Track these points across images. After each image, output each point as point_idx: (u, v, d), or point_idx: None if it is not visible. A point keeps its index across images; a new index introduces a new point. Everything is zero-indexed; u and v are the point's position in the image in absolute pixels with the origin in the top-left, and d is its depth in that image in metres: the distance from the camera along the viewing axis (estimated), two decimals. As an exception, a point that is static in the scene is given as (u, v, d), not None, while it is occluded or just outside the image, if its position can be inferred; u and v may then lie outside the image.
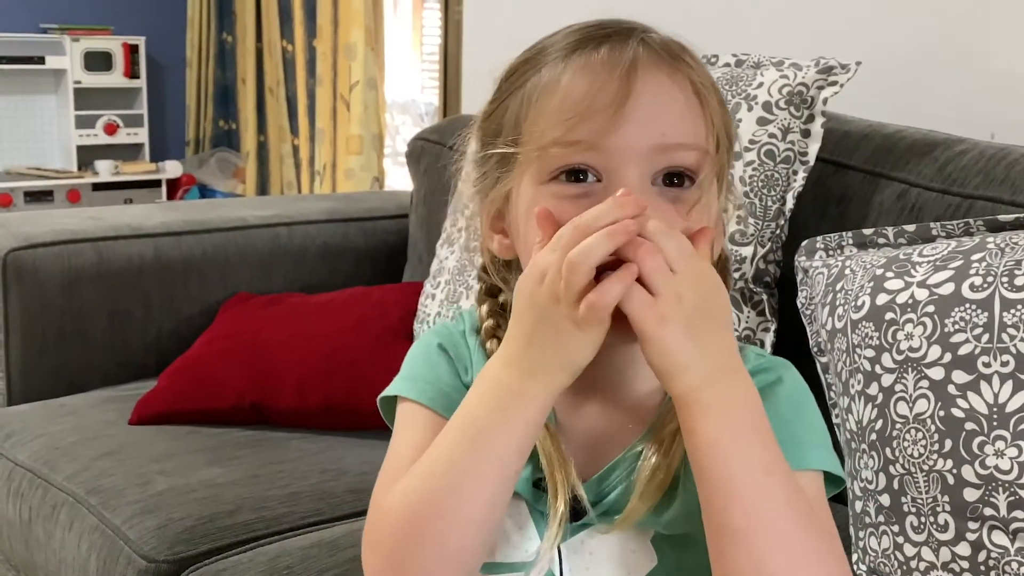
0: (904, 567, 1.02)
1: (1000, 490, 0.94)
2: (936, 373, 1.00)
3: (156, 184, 4.37)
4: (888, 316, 1.05)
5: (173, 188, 4.41)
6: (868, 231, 1.18)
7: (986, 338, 0.97)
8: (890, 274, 1.07)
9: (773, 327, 1.32)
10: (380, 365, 1.63)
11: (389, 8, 3.73)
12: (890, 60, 1.61)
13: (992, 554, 0.95)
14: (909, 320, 1.03)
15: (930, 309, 1.02)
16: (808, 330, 1.20)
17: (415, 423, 0.79)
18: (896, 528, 1.03)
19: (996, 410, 0.95)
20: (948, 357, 0.99)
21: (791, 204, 1.31)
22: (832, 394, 1.15)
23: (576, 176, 0.73)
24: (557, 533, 0.74)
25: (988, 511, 0.95)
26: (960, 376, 0.98)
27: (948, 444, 0.98)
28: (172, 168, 4.39)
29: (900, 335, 1.03)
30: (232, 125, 4.49)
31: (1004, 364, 0.96)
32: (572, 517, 0.76)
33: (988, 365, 0.96)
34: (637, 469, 0.75)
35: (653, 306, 0.66)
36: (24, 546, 1.48)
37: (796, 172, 1.31)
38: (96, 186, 4.25)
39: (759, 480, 0.67)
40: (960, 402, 0.98)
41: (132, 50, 4.32)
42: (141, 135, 4.42)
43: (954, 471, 0.97)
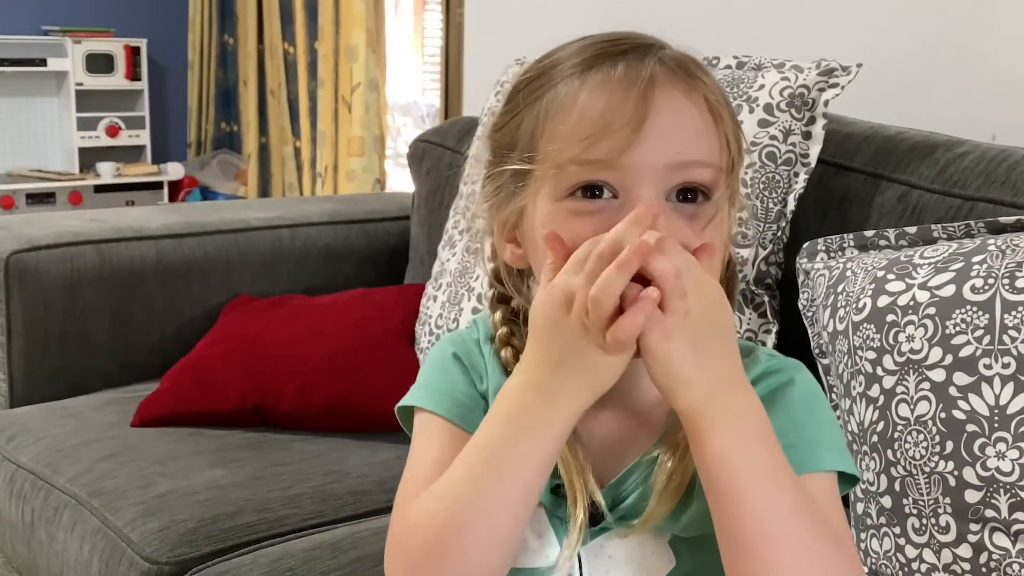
0: (905, 569, 1.02)
1: (1001, 492, 0.95)
2: (937, 375, 1.00)
3: (158, 186, 4.37)
4: (889, 318, 1.05)
5: (175, 190, 4.41)
6: (869, 233, 1.18)
7: (987, 340, 0.97)
8: (891, 276, 1.07)
9: (774, 329, 1.32)
10: (382, 367, 1.63)
11: (390, 10, 3.73)
12: (891, 62, 1.61)
13: (994, 556, 0.95)
14: (910, 322, 1.03)
15: (931, 311, 1.02)
16: (809, 332, 1.20)
17: (432, 434, 0.80)
18: (897, 530, 1.03)
19: (997, 412, 0.95)
20: (949, 359, 0.99)
21: (792, 206, 1.32)
22: (833, 396, 1.15)
23: (592, 192, 0.73)
24: (577, 540, 0.76)
25: (989, 513, 0.95)
26: (961, 378, 0.98)
27: (949, 446, 0.98)
28: (174, 170, 4.39)
29: (901, 337, 1.03)
30: (234, 127, 4.49)
31: (1005, 366, 0.96)
32: (591, 522, 0.77)
33: (989, 367, 0.96)
34: (653, 473, 0.76)
35: (660, 322, 0.67)
36: (26, 548, 1.48)
37: (797, 174, 1.31)
38: (98, 188, 4.24)
39: (768, 490, 0.68)
40: (961, 404, 0.98)
41: (134, 52, 4.32)
42: (143, 137, 4.41)
43: (955, 473, 0.97)
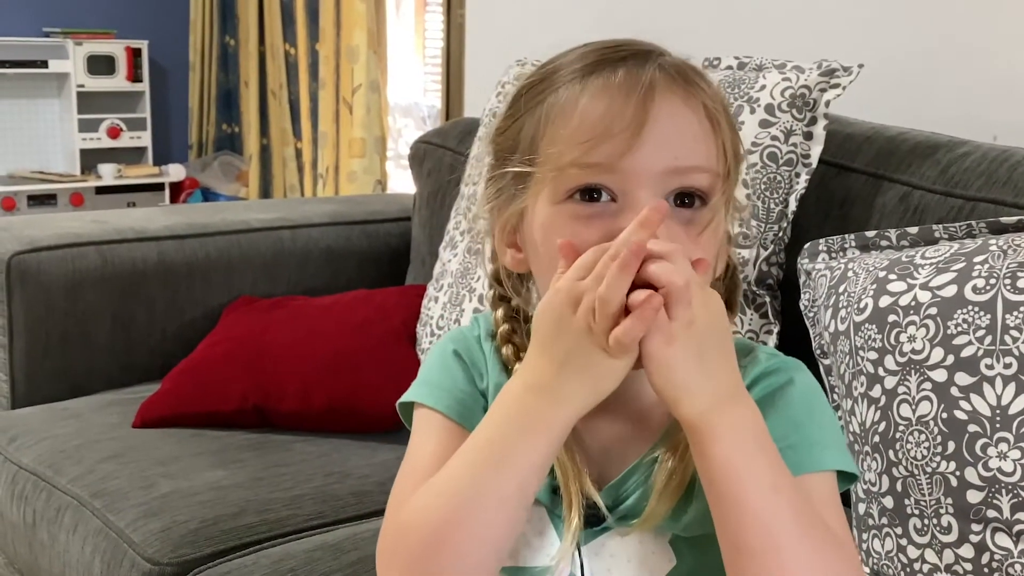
0: (907, 569, 1.02)
1: (1003, 492, 0.94)
2: (939, 375, 1.00)
3: (159, 187, 4.37)
4: (891, 318, 1.05)
5: (176, 191, 4.41)
6: (871, 233, 1.18)
7: (989, 340, 0.97)
8: (893, 276, 1.07)
9: (776, 329, 1.32)
10: (383, 368, 1.63)
11: (391, 11, 3.73)
12: (892, 62, 1.61)
13: (995, 556, 0.95)
14: (912, 322, 1.03)
15: (933, 311, 1.02)
16: (811, 332, 1.20)
17: (431, 430, 0.81)
18: (899, 530, 1.03)
19: (999, 412, 0.95)
20: (951, 359, 0.99)
21: (794, 206, 1.32)
22: (835, 396, 1.15)
23: (591, 195, 0.74)
24: (571, 544, 0.76)
25: (991, 513, 0.95)
26: (963, 378, 0.98)
27: (951, 446, 0.98)
28: (175, 171, 4.39)
29: (903, 337, 1.03)
30: (235, 128, 4.49)
31: (1007, 366, 0.96)
32: (592, 522, 0.78)
33: (991, 367, 0.96)
34: (654, 474, 0.76)
35: (663, 327, 0.68)
36: (28, 549, 1.48)
37: (799, 174, 1.31)
38: (99, 190, 4.24)
39: (769, 498, 0.69)
40: (963, 404, 0.98)
41: (135, 54, 4.32)
42: (144, 139, 4.41)
43: (957, 473, 0.97)
